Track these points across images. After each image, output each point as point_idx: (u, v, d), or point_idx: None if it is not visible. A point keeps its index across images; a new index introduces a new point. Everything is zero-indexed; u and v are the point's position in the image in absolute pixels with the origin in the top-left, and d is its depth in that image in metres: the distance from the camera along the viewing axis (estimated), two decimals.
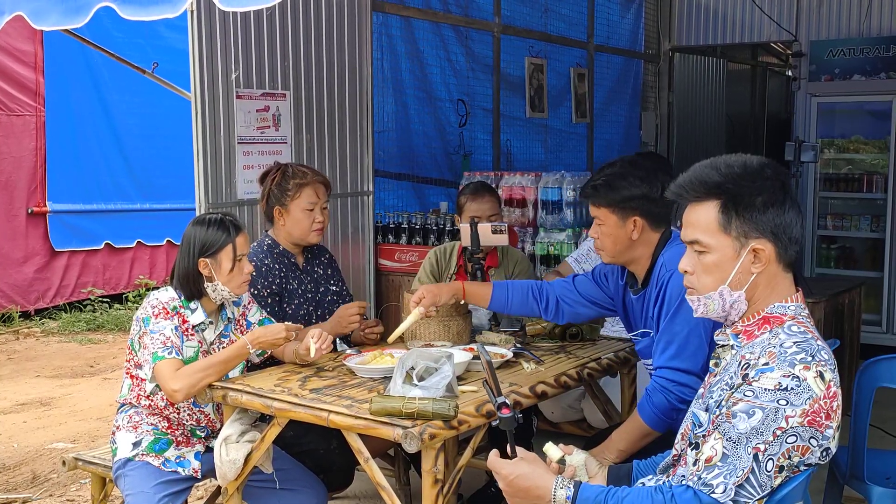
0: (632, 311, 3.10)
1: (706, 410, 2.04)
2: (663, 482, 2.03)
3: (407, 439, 2.49)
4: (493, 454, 2.16)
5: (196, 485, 3.47)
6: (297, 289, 3.70)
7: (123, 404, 3.25)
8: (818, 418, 1.89)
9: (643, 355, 3.14)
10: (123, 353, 7.51)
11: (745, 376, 1.94)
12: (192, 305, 3.15)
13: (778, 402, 1.87)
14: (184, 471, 3.17)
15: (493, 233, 3.85)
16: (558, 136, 7.52)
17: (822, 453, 1.92)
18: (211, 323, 3.20)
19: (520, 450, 2.15)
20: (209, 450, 3.21)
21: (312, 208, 3.64)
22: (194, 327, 3.15)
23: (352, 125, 5.25)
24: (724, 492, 1.87)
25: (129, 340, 3.21)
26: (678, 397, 2.79)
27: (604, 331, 3.80)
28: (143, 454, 3.15)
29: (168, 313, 3.07)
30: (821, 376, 1.90)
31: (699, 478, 1.92)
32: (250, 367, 3.35)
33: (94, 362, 7.47)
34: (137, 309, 3.19)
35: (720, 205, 2.03)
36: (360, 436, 2.68)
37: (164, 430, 3.20)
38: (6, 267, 8.71)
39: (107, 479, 3.50)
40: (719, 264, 2.04)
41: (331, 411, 2.70)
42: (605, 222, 2.97)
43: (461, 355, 3.05)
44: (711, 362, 2.14)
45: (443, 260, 4.21)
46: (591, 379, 3.32)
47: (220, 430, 3.05)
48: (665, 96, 8.73)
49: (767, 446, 1.87)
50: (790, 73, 9.65)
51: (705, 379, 2.17)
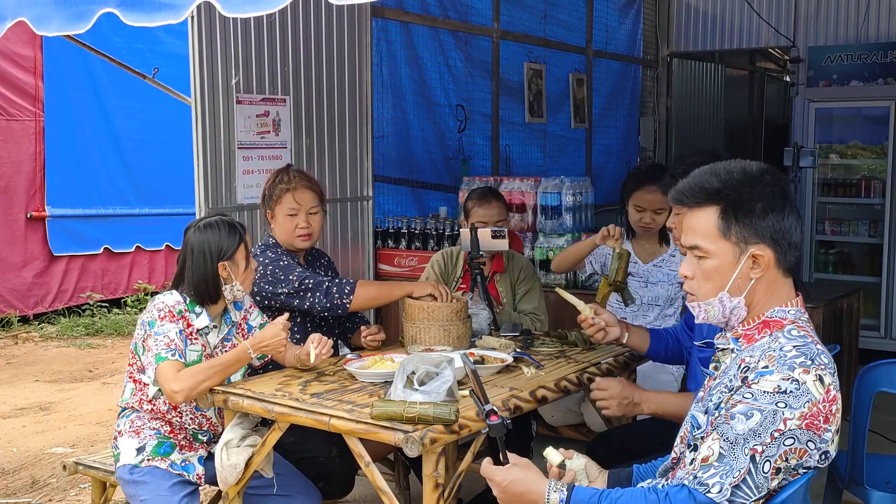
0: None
1: (705, 413, 2.05)
2: (662, 485, 2.04)
3: (408, 443, 2.49)
4: (487, 461, 2.18)
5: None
6: None
7: (125, 409, 3.25)
8: (816, 422, 1.90)
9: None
10: (122, 358, 7.54)
11: (744, 379, 1.95)
12: (198, 310, 3.17)
13: (776, 404, 1.88)
14: (189, 475, 3.18)
15: (493, 237, 3.85)
16: (557, 141, 7.53)
17: (820, 457, 1.93)
18: (215, 327, 3.23)
19: (512, 455, 2.16)
20: (211, 456, 3.21)
21: (294, 214, 3.65)
22: (198, 331, 3.16)
23: (351, 130, 5.26)
24: (720, 492, 1.88)
25: (132, 344, 3.22)
26: None
27: None
28: (148, 459, 3.15)
29: (174, 317, 3.09)
30: (820, 380, 1.91)
31: (695, 476, 1.93)
32: (251, 371, 3.36)
33: (92, 367, 7.46)
34: (139, 313, 3.20)
35: (720, 211, 2.04)
36: (361, 440, 2.69)
37: (166, 434, 3.21)
38: (5, 271, 8.70)
39: (107, 484, 3.50)
40: (719, 270, 2.06)
41: (332, 415, 2.70)
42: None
43: (461, 360, 3.05)
44: (711, 366, 2.16)
45: (449, 263, 4.21)
46: (591, 383, 3.32)
47: (221, 434, 3.05)
48: (663, 102, 8.74)
49: (765, 448, 1.88)
50: (788, 79, 9.67)
51: (705, 382, 2.18)
